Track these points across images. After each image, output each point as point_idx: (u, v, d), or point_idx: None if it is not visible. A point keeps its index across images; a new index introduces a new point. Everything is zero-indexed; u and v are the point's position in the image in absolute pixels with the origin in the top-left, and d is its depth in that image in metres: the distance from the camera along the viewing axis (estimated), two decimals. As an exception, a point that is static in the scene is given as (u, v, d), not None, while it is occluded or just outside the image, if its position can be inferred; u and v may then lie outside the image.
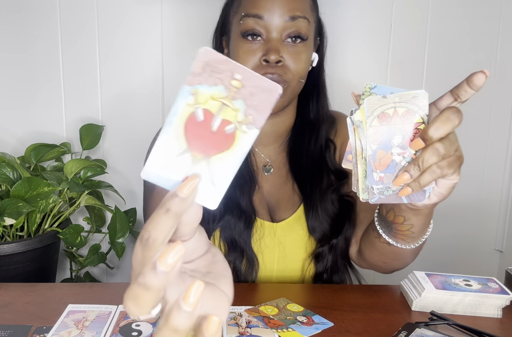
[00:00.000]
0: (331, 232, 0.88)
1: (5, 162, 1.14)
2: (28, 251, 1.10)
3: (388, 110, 0.52)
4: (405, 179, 0.52)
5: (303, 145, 0.95)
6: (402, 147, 0.52)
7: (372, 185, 0.54)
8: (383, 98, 0.52)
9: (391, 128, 0.52)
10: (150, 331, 0.65)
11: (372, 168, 0.53)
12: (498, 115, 1.42)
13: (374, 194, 0.54)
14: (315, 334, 0.66)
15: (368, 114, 0.52)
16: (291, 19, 0.83)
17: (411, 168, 0.52)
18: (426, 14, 1.35)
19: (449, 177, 0.54)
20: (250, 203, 0.88)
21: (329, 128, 0.98)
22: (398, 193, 0.54)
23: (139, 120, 1.38)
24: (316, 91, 0.96)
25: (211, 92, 0.32)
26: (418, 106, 0.52)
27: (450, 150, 0.52)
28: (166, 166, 0.32)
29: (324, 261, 0.88)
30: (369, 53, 1.38)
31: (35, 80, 1.35)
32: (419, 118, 0.52)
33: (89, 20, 1.32)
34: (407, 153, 0.53)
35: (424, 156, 0.51)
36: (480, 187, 1.45)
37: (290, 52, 0.84)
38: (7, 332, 0.64)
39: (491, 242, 1.49)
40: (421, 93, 0.52)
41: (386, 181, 0.53)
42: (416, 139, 0.51)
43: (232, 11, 0.90)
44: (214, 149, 0.32)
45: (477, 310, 0.73)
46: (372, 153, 0.53)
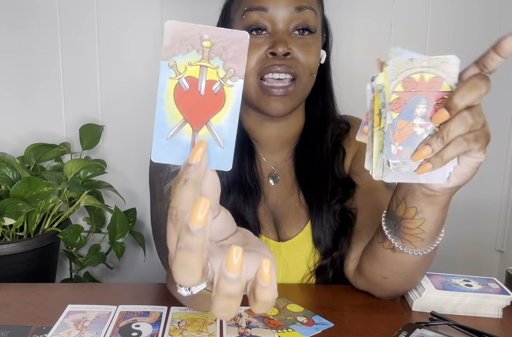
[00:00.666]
0: (333, 245, 0.84)
1: (5, 162, 1.13)
2: (28, 251, 1.10)
3: (414, 75, 0.47)
4: (426, 153, 0.47)
5: (311, 152, 0.89)
6: (425, 118, 0.47)
7: (388, 159, 0.48)
8: (410, 61, 0.47)
9: (416, 95, 0.47)
10: (150, 331, 0.65)
11: (390, 140, 0.47)
12: (498, 115, 1.42)
13: (389, 171, 0.48)
14: (315, 335, 0.66)
15: (392, 77, 0.47)
16: (298, 10, 0.77)
17: (433, 141, 0.46)
18: (426, 14, 1.35)
19: (474, 154, 0.48)
20: (255, 216, 0.83)
21: (340, 134, 0.91)
22: (417, 171, 0.48)
23: (139, 120, 1.38)
24: (322, 90, 0.90)
25: (186, 59, 0.33)
26: (447, 72, 0.46)
27: (478, 121, 0.46)
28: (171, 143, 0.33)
29: (325, 275, 0.85)
30: (369, 53, 1.37)
31: (35, 80, 1.35)
32: (447, 86, 0.46)
33: (89, 21, 1.32)
34: (430, 126, 0.47)
35: (450, 126, 0.46)
36: (480, 187, 1.45)
37: (299, 44, 0.77)
38: (6, 333, 0.64)
39: (491, 242, 1.49)
40: (452, 58, 0.47)
41: (404, 156, 0.47)
42: (440, 110, 0.46)
43: (233, 8, 0.85)
44: (209, 113, 0.33)
45: (478, 310, 0.73)
46: (392, 122, 0.47)
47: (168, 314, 0.69)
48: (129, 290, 0.81)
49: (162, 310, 0.71)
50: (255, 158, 0.89)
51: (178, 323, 0.67)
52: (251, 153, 0.88)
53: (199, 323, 0.67)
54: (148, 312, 0.70)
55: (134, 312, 0.70)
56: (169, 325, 0.66)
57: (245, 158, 0.86)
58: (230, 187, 0.84)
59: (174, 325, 0.66)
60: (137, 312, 0.70)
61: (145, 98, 1.37)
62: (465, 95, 0.45)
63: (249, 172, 0.86)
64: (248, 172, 0.86)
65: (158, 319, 0.68)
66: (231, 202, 0.83)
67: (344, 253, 0.83)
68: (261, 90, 0.79)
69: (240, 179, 0.84)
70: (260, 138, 0.90)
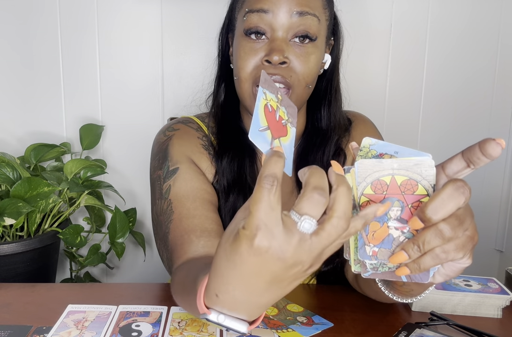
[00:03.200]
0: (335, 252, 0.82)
1: (5, 162, 1.14)
2: (28, 251, 1.10)
3: (385, 178, 0.44)
4: (403, 259, 0.43)
5: (312, 155, 0.87)
6: (401, 221, 0.44)
7: (364, 260, 0.45)
8: (378, 163, 0.44)
9: (388, 198, 0.44)
10: (150, 331, 0.65)
11: (364, 241, 0.45)
12: (498, 115, 1.42)
13: (367, 269, 0.46)
14: (315, 335, 0.66)
15: (359, 180, 0.44)
16: (299, 15, 0.75)
17: (409, 248, 0.43)
18: (426, 14, 1.35)
19: (457, 261, 0.45)
20: None
21: (342, 136, 0.89)
22: (395, 272, 0.45)
23: (139, 120, 1.38)
24: (328, 96, 0.86)
25: (271, 96, 0.46)
26: (421, 175, 0.43)
27: (457, 231, 0.42)
28: (260, 135, 0.43)
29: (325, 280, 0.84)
30: (369, 53, 1.37)
31: (35, 81, 1.35)
32: (422, 189, 0.43)
33: (89, 21, 1.32)
34: (406, 228, 0.44)
35: (425, 238, 0.42)
36: (480, 187, 1.45)
37: (296, 53, 0.76)
38: (7, 332, 0.64)
39: (491, 242, 1.49)
40: (426, 160, 0.43)
41: (380, 257, 0.45)
42: (413, 218, 0.42)
43: (237, 6, 0.82)
44: (280, 132, 0.45)
45: (477, 310, 0.73)
46: None
47: (168, 314, 0.69)
48: (129, 290, 0.81)
49: (162, 310, 0.71)
50: (256, 159, 0.88)
51: (178, 323, 0.67)
52: (252, 155, 0.87)
53: (199, 323, 0.67)
54: (148, 312, 0.70)
55: (134, 312, 0.70)
56: (169, 325, 0.67)
57: (246, 159, 0.85)
58: (230, 187, 0.83)
59: (174, 325, 0.66)
60: (137, 312, 0.70)
61: (145, 98, 1.37)
62: (439, 208, 0.41)
63: (249, 173, 0.85)
64: (249, 173, 0.85)
65: (158, 319, 0.68)
66: (231, 203, 0.82)
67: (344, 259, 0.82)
68: (254, 97, 0.77)
69: (240, 180, 0.84)
70: None
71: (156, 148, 0.88)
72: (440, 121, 1.41)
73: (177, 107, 1.37)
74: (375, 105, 1.40)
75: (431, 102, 1.40)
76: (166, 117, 1.36)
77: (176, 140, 0.86)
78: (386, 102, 1.40)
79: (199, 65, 1.34)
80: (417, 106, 1.41)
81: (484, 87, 1.40)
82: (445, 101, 1.40)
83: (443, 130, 1.42)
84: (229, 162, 0.83)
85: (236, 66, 0.79)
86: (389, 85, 1.39)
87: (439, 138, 1.42)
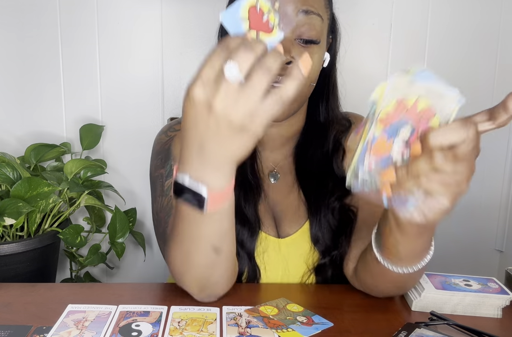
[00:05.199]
0: (332, 243, 0.84)
1: (5, 162, 1.14)
2: (28, 251, 1.10)
3: (409, 100, 0.46)
4: (391, 176, 0.47)
5: (311, 150, 0.89)
6: (405, 143, 0.46)
7: (358, 166, 0.48)
8: (409, 84, 0.45)
9: (404, 119, 0.45)
10: (150, 331, 0.65)
11: (367, 148, 0.47)
12: (498, 115, 1.42)
13: (358, 183, 0.49)
14: (315, 334, 0.66)
15: (387, 93, 0.46)
16: (304, 13, 0.76)
17: (399, 168, 0.47)
18: (426, 14, 1.35)
19: (436, 197, 0.48)
20: (255, 213, 0.84)
21: (341, 131, 0.91)
22: (380, 186, 0.48)
23: (139, 120, 1.38)
24: (326, 92, 0.89)
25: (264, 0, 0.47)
26: (441, 108, 0.45)
27: (448, 165, 0.45)
28: (234, 18, 0.45)
29: (324, 274, 0.85)
30: (369, 53, 1.38)
31: (35, 80, 1.35)
32: (436, 121, 0.45)
33: (89, 21, 1.32)
34: (406, 154, 0.46)
35: (416, 162, 0.46)
36: (480, 187, 1.45)
37: (301, 53, 0.76)
38: (7, 332, 0.64)
39: (491, 242, 1.49)
40: (452, 95, 0.45)
41: (373, 173, 0.47)
42: (415, 140, 0.45)
43: None
44: (261, 27, 0.47)
45: (477, 310, 0.73)
46: (373, 136, 0.46)
47: (168, 314, 0.70)
48: (129, 290, 0.81)
49: (162, 309, 0.71)
50: (256, 156, 0.89)
51: (178, 322, 0.67)
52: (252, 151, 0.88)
53: (199, 323, 0.67)
54: (148, 311, 0.70)
55: (134, 312, 0.70)
56: (169, 324, 0.67)
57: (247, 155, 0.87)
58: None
59: (174, 325, 0.66)
60: (137, 311, 0.70)
61: (145, 98, 1.37)
62: (440, 135, 0.44)
63: (250, 170, 0.86)
64: (250, 170, 0.86)
65: (158, 318, 0.68)
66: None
67: (344, 252, 0.83)
68: None
69: (241, 177, 0.84)
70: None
71: (158, 148, 0.89)
72: (440, 121, 1.42)
73: (177, 107, 1.37)
74: (375, 105, 1.40)
75: (431, 102, 1.41)
76: (166, 117, 1.36)
77: (178, 140, 0.87)
78: (386, 102, 1.40)
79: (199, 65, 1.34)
80: (417, 106, 1.41)
81: (484, 87, 1.40)
82: (445, 101, 1.40)
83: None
84: None
85: None
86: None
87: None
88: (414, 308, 0.74)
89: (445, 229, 1.46)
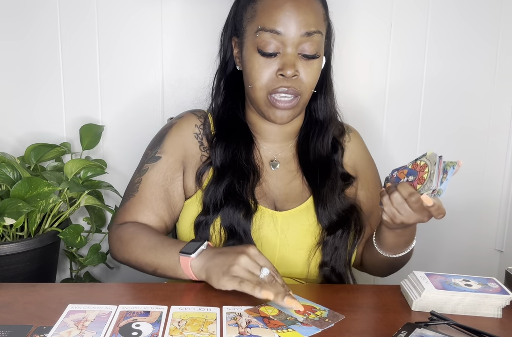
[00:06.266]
0: (338, 223, 0.91)
1: (5, 162, 1.14)
2: (28, 251, 1.10)
3: (421, 162, 0.75)
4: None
5: (312, 143, 0.98)
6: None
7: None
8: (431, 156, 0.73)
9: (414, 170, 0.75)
10: (150, 331, 0.65)
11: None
12: (498, 115, 1.42)
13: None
14: (315, 334, 0.66)
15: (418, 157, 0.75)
16: (307, 35, 0.85)
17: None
18: (426, 14, 1.35)
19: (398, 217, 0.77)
20: (252, 194, 0.90)
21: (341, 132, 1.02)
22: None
23: (139, 120, 1.38)
24: (324, 90, 0.97)
25: None
26: (429, 167, 0.73)
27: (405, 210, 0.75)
28: None
29: (329, 249, 0.90)
30: (369, 53, 1.37)
31: (35, 80, 1.35)
32: (426, 173, 0.72)
33: (89, 20, 1.32)
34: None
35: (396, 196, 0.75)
36: (480, 187, 1.45)
37: (304, 66, 0.87)
38: (7, 332, 0.64)
39: (491, 242, 1.49)
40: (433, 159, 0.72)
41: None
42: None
43: (246, 17, 0.90)
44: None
45: (477, 310, 0.73)
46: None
47: (168, 314, 0.70)
48: (129, 289, 0.81)
49: (162, 309, 0.71)
50: (253, 147, 0.97)
51: (178, 322, 0.67)
52: (249, 144, 0.96)
53: (199, 323, 0.67)
54: (148, 311, 0.70)
55: (134, 312, 0.70)
56: (169, 324, 0.67)
57: (241, 148, 0.95)
58: (225, 169, 0.92)
59: (174, 325, 0.66)
60: (137, 311, 0.70)
61: (145, 98, 1.37)
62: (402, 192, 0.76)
63: (245, 159, 0.93)
64: (245, 159, 0.94)
65: (158, 318, 0.68)
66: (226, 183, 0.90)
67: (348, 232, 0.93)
68: (269, 103, 0.89)
69: (234, 165, 0.92)
70: (261, 132, 0.98)
71: (160, 130, 1.01)
72: (440, 121, 1.41)
73: (177, 107, 1.37)
74: (375, 104, 1.40)
75: (431, 101, 1.40)
76: (166, 117, 1.36)
77: (175, 129, 0.98)
78: (386, 102, 1.40)
79: (199, 65, 1.35)
80: (417, 106, 1.41)
81: (484, 87, 1.40)
82: (445, 100, 1.40)
83: (443, 129, 1.42)
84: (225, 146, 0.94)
85: (250, 76, 0.90)
86: (389, 85, 1.39)
87: (439, 137, 1.42)
88: (414, 308, 0.74)
89: (445, 229, 1.46)
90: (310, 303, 0.74)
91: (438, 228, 1.43)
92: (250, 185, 0.91)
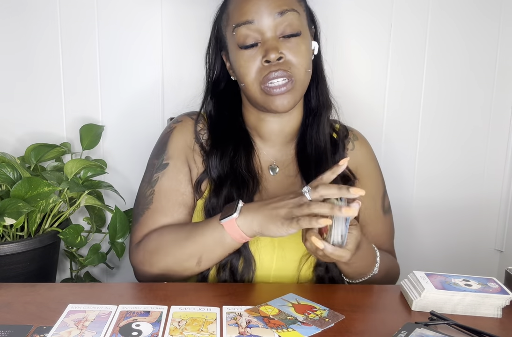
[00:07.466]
0: None
1: (5, 162, 1.14)
2: (28, 251, 1.10)
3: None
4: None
5: (309, 134, 0.96)
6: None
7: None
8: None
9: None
10: (151, 331, 0.65)
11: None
12: (498, 115, 1.42)
13: None
14: (315, 334, 0.66)
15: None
16: (280, 15, 0.84)
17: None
18: (426, 14, 1.35)
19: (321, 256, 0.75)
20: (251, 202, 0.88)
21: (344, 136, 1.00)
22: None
23: (139, 120, 1.38)
24: (315, 78, 0.96)
25: None
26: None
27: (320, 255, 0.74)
28: None
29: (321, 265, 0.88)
30: (369, 53, 1.38)
31: (35, 80, 1.35)
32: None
33: (89, 21, 1.32)
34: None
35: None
36: (480, 186, 1.45)
37: (288, 47, 0.85)
38: (7, 332, 0.64)
39: (491, 242, 1.49)
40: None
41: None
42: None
43: (223, 25, 0.91)
44: None
45: (477, 310, 0.73)
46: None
47: (168, 314, 0.70)
48: (129, 289, 0.81)
49: (162, 309, 0.71)
50: (253, 153, 0.95)
51: (178, 322, 0.67)
52: (248, 150, 0.95)
53: (199, 323, 0.67)
54: (148, 311, 0.70)
55: (135, 312, 0.70)
56: (169, 324, 0.67)
57: (241, 154, 0.93)
58: (223, 180, 0.90)
59: (174, 325, 0.67)
60: (137, 311, 0.70)
61: (145, 98, 1.37)
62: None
63: (245, 167, 0.92)
64: (244, 167, 0.92)
65: (158, 318, 0.68)
66: (224, 193, 0.89)
67: None
68: (264, 93, 0.87)
69: (234, 173, 0.91)
70: (262, 134, 0.97)
71: (160, 137, 0.99)
72: (440, 121, 1.41)
73: (177, 107, 1.36)
74: (375, 104, 1.40)
75: (431, 101, 1.40)
76: (166, 117, 1.36)
77: (176, 133, 0.96)
78: (385, 102, 1.40)
79: (199, 65, 1.34)
80: (417, 106, 1.41)
81: (484, 86, 1.40)
82: (445, 100, 1.40)
83: (443, 129, 1.42)
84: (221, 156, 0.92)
85: (240, 74, 0.88)
86: (389, 85, 1.39)
87: (439, 137, 1.42)
88: (414, 308, 0.74)
89: (445, 229, 1.46)
90: (310, 303, 0.74)
91: (438, 228, 1.44)
92: (249, 194, 0.89)
